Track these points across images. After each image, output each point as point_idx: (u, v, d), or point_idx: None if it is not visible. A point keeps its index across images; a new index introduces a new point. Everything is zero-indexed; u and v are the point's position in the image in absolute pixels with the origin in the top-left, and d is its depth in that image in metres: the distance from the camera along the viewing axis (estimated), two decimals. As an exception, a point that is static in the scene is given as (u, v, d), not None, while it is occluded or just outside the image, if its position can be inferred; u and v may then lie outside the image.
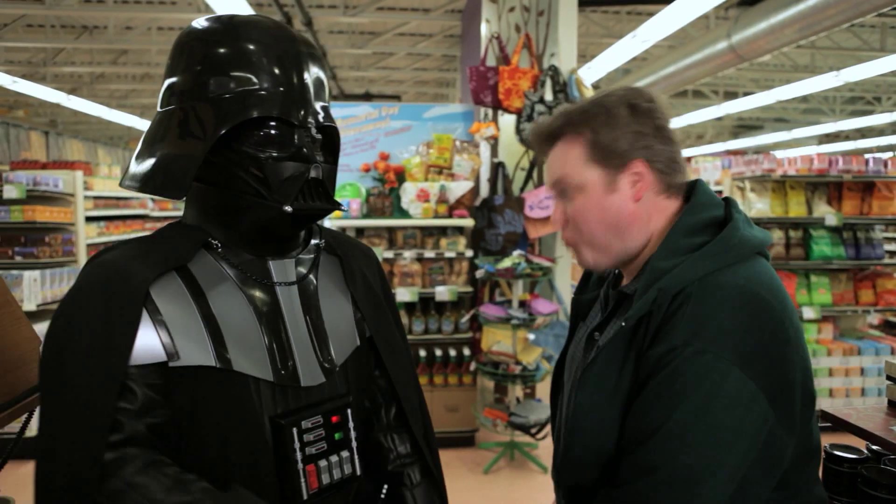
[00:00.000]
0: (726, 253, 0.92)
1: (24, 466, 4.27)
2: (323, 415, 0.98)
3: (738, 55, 5.91)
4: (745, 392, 0.85)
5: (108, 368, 0.84)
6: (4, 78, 8.68)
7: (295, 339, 0.98)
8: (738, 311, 0.88)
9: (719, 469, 0.84)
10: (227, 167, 0.93)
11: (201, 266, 0.96)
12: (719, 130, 17.41)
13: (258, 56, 0.92)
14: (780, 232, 4.63)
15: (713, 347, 0.85)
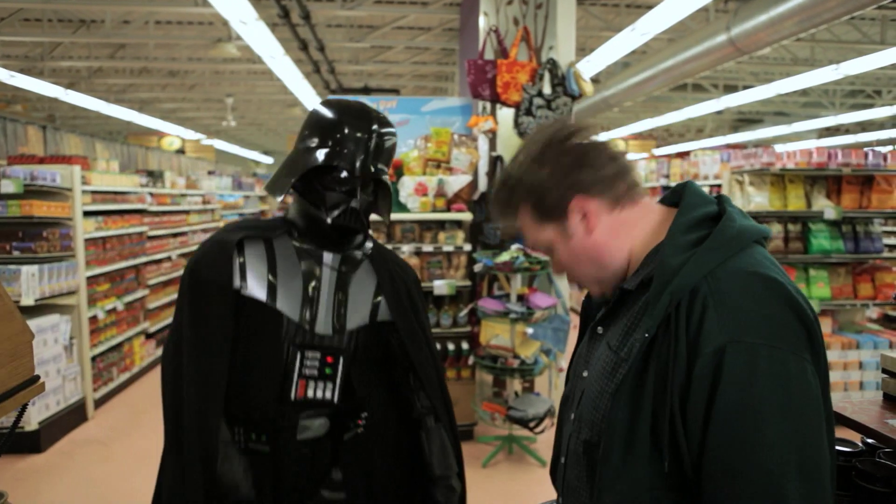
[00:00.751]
0: (727, 244, 0.93)
1: (18, 461, 4.24)
2: (322, 352, 1.44)
3: (738, 48, 5.89)
4: (808, 373, 0.87)
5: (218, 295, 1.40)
6: (2, 72, 8.65)
7: (322, 304, 1.47)
8: (765, 297, 0.88)
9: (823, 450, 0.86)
10: (310, 189, 1.44)
11: (281, 243, 1.49)
12: (719, 124, 17.39)
13: (342, 126, 1.42)
14: (779, 225, 4.63)
15: (762, 338, 0.85)
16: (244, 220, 1.58)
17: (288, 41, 7.72)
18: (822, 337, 0.92)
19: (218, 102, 14.19)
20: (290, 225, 1.51)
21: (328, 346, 1.45)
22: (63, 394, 4.38)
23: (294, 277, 1.46)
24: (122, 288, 5.38)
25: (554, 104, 4.39)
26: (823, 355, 0.92)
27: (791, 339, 0.87)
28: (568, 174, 1.02)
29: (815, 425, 0.85)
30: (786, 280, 0.92)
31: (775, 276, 0.90)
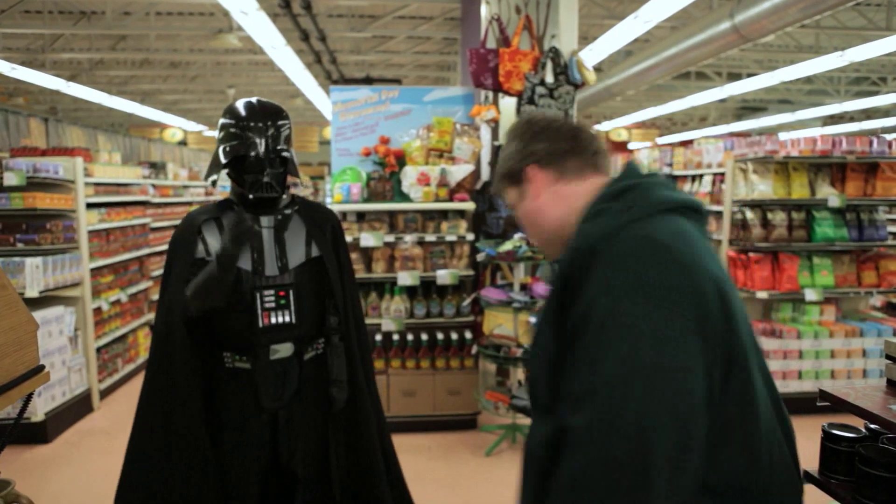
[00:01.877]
0: (630, 210, 1.00)
1: (25, 451, 4.26)
2: (275, 289, 1.93)
3: (742, 35, 5.85)
4: (672, 328, 0.86)
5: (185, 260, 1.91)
6: (3, 65, 8.64)
7: (267, 253, 1.95)
8: (645, 258, 0.92)
9: (669, 413, 0.83)
10: (237, 175, 1.93)
11: (227, 218, 1.96)
12: (722, 112, 17.30)
13: (246, 124, 1.89)
14: (783, 213, 4.61)
15: (627, 295, 0.89)
16: (203, 206, 2.05)
17: (289, 31, 7.69)
18: (722, 301, 0.93)
19: (220, 94, 14.16)
20: (233, 203, 2.00)
21: (279, 284, 1.93)
22: (69, 385, 4.40)
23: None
24: (125, 279, 5.40)
25: (556, 93, 4.37)
26: (723, 319, 0.92)
27: (663, 296, 0.88)
28: (527, 145, 1.18)
29: (663, 387, 0.84)
30: (684, 247, 0.95)
31: (666, 241, 0.94)
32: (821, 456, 1.40)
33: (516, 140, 1.21)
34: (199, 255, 1.93)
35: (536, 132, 1.18)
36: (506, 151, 1.24)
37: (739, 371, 0.94)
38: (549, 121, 1.20)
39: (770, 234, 4.57)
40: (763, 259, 4.58)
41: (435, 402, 4.15)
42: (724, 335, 0.92)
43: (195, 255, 1.92)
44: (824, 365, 4.41)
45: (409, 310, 4.13)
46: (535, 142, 1.17)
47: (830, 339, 4.42)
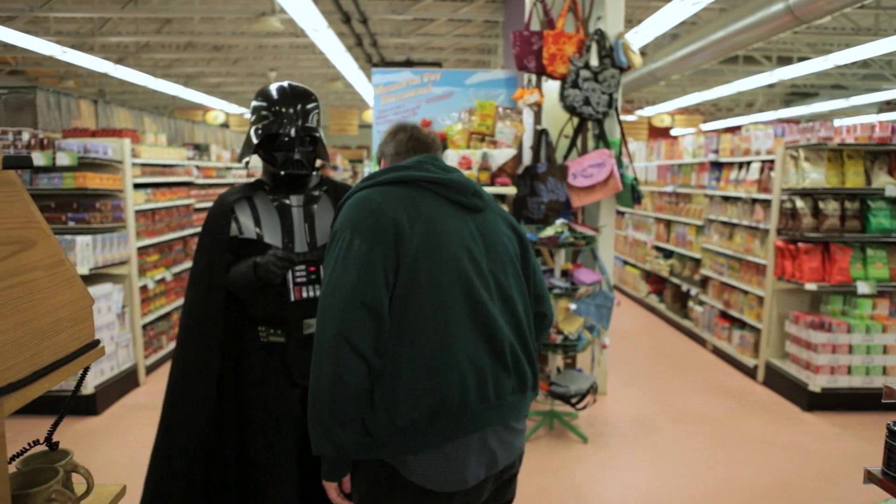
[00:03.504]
0: (365, 181, 1.63)
1: (77, 422, 4.41)
2: (305, 265, 2.00)
3: (796, 17, 5.63)
4: (357, 246, 1.48)
5: (220, 240, 2.02)
6: (55, 48, 8.87)
7: (296, 231, 2.05)
8: (356, 207, 1.55)
9: (349, 280, 1.46)
10: (268, 155, 2.05)
11: (259, 197, 2.07)
12: (770, 98, 16.75)
13: (277, 106, 2.01)
14: (836, 203, 4.45)
15: (345, 228, 1.52)
16: (234, 187, 2.16)
17: (331, 14, 7.70)
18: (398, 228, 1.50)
19: (261, 77, 14.30)
20: (264, 183, 2.11)
21: (309, 260, 2.01)
22: (117, 360, 4.53)
23: (272, 218, 2.05)
24: (170, 259, 5.51)
25: (601, 76, 4.28)
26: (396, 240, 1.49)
27: (358, 229, 1.50)
28: (382, 146, 1.80)
29: (348, 269, 1.46)
30: (384, 201, 1.54)
31: (372, 197, 1.55)
32: (885, 455, 1.35)
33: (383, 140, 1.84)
34: (233, 233, 2.03)
35: (387, 137, 1.81)
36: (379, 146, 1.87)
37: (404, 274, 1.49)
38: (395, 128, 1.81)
39: (821, 224, 4.42)
40: (813, 250, 4.43)
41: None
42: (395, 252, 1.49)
43: (229, 234, 2.02)
44: (876, 361, 4.26)
45: (447, 294, 4.12)
46: (384, 144, 1.81)
47: (884, 333, 4.26)
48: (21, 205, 0.99)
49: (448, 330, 1.46)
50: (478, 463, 1.51)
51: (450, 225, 1.54)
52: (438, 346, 1.46)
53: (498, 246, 1.61)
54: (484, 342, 1.51)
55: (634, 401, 4.59)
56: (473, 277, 1.52)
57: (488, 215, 1.65)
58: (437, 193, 1.58)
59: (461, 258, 1.52)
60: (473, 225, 1.59)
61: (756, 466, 3.57)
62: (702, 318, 6.14)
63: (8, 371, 0.91)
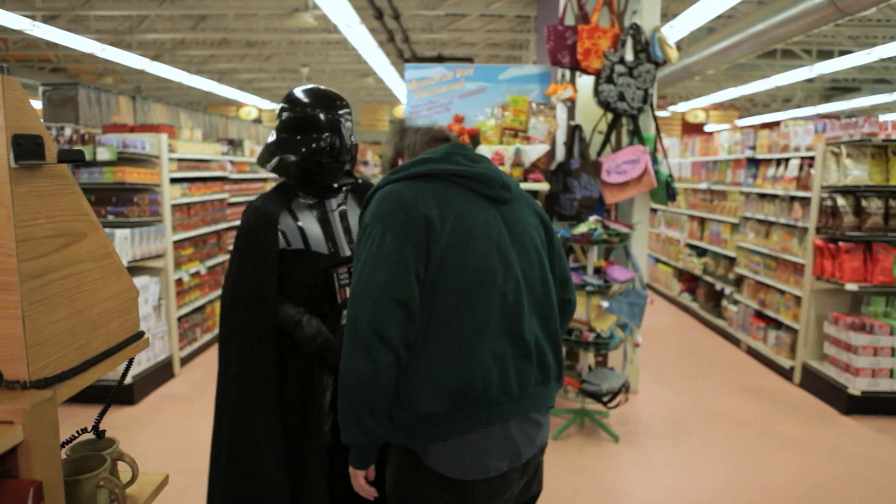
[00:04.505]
0: (393, 174, 1.62)
1: (115, 411, 4.51)
2: (347, 266, 2.02)
3: (839, 9, 5.47)
4: (389, 242, 1.49)
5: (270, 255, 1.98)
6: (95, 46, 9.07)
7: (338, 235, 2.07)
8: (385, 202, 1.55)
9: (381, 276, 1.47)
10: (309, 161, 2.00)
11: (297, 205, 2.06)
12: (809, 93, 16.34)
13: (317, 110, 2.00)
14: (879, 201, 4.32)
15: (376, 223, 1.53)
16: (265, 194, 2.10)
17: (363, 9, 7.73)
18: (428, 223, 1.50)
19: (293, 72, 14.43)
20: (295, 189, 2.07)
21: (352, 261, 1.91)
22: (153, 351, 4.63)
23: (314, 226, 2.05)
24: (204, 252, 5.61)
25: (636, 71, 4.22)
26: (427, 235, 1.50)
27: (389, 226, 1.50)
28: (397, 142, 1.85)
29: (380, 263, 1.48)
30: (415, 196, 1.53)
31: (402, 192, 1.55)
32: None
33: (395, 137, 1.89)
34: (281, 246, 2.00)
35: (400, 134, 1.87)
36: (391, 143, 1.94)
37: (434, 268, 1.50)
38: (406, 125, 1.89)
39: (863, 223, 4.30)
40: (854, 249, 4.31)
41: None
42: (427, 248, 1.50)
43: (278, 248, 1.99)
44: (919, 363, 4.14)
45: (478, 290, 4.11)
46: (399, 140, 1.86)
47: (927, 336, 4.13)
48: (72, 198, 1.01)
49: (474, 323, 1.49)
50: (500, 454, 1.53)
51: (478, 218, 1.55)
52: (464, 339, 1.49)
53: (525, 237, 1.62)
54: (509, 335, 1.53)
55: (667, 400, 4.53)
56: (500, 271, 1.54)
57: (515, 206, 1.65)
58: (465, 186, 1.58)
59: (490, 252, 1.53)
60: (500, 217, 1.60)
61: (793, 470, 3.49)
62: (736, 317, 6.03)
63: (61, 360, 0.93)
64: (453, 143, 1.70)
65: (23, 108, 0.91)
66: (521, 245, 1.60)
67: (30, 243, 0.89)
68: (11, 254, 0.86)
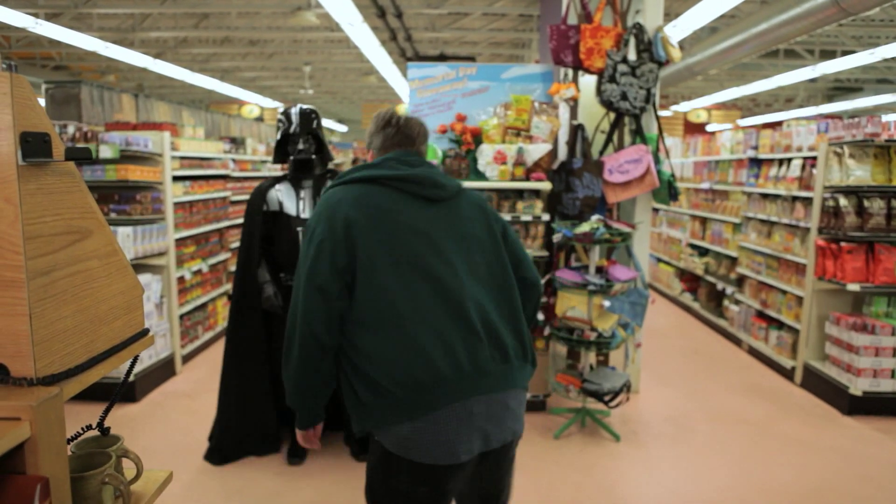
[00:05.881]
0: (338, 179, 1.84)
1: (117, 408, 4.51)
2: None
3: (842, 9, 5.47)
4: (317, 237, 1.70)
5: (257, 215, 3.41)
6: (98, 43, 9.08)
7: (306, 204, 3.35)
8: (322, 203, 1.78)
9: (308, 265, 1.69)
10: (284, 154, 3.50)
11: (283, 184, 3.42)
12: (812, 93, 16.32)
13: (290, 118, 3.37)
14: (881, 201, 4.32)
15: (313, 221, 1.76)
16: (266, 179, 3.42)
17: (366, 8, 7.73)
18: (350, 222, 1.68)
19: (295, 71, 14.43)
20: (287, 174, 3.42)
21: None
22: (155, 349, 4.63)
23: (291, 197, 3.35)
24: (206, 250, 5.61)
25: (639, 71, 4.22)
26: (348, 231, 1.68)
27: (319, 221, 1.73)
28: (372, 136, 1.94)
29: (308, 258, 1.69)
30: (338, 195, 1.76)
31: (338, 195, 1.76)
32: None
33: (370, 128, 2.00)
34: (265, 209, 3.37)
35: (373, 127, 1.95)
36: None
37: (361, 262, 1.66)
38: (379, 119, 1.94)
39: (866, 223, 4.30)
40: (856, 249, 4.31)
41: (504, 382, 4.13)
42: (346, 243, 1.67)
43: (262, 209, 3.38)
44: (921, 364, 4.14)
45: (480, 289, 4.11)
46: (370, 136, 1.95)
47: (929, 336, 4.13)
48: (79, 195, 1.01)
49: (407, 308, 1.61)
50: (467, 437, 1.59)
51: (406, 214, 1.71)
52: (400, 324, 1.60)
53: (465, 229, 1.76)
54: (450, 316, 1.63)
55: (668, 400, 4.53)
56: (432, 258, 1.67)
57: (453, 203, 1.80)
58: (397, 188, 1.75)
59: (418, 242, 1.68)
60: (435, 212, 1.75)
61: (794, 470, 3.50)
62: (737, 317, 6.03)
63: (67, 357, 0.94)
64: (401, 151, 1.87)
65: (31, 105, 0.91)
66: (460, 235, 1.75)
67: (37, 240, 0.90)
68: (19, 251, 0.86)
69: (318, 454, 3.54)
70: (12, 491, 0.83)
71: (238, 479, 3.29)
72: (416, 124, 1.93)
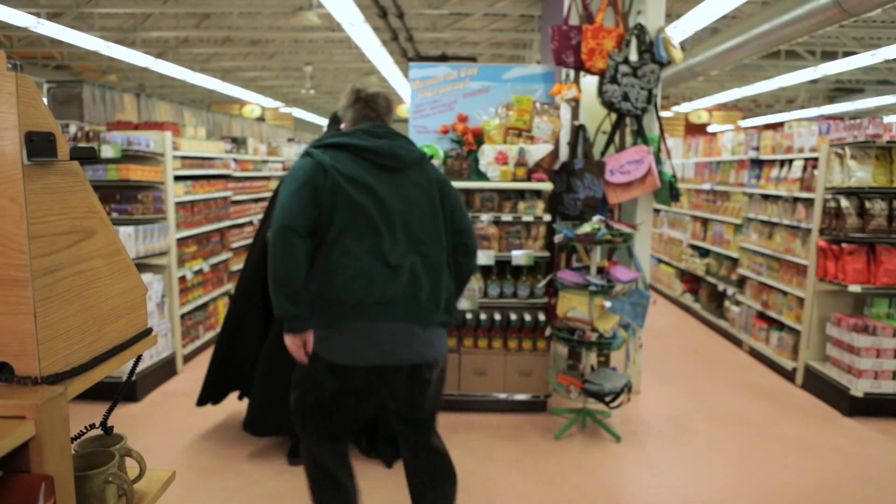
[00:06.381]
0: (314, 143, 2.25)
1: (118, 408, 4.50)
2: None
3: (844, 10, 5.47)
4: (295, 181, 2.14)
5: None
6: (99, 43, 9.09)
7: None
8: (301, 159, 2.20)
9: (287, 198, 2.12)
10: None
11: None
12: (813, 94, 16.32)
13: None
14: (883, 203, 4.32)
15: (293, 169, 2.19)
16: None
17: (367, 8, 7.73)
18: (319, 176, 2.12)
19: (296, 71, 14.44)
20: None
21: None
22: (156, 348, 4.64)
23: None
24: (207, 250, 5.61)
25: (640, 71, 4.22)
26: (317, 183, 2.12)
27: (296, 170, 2.16)
28: (344, 109, 2.35)
29: (288, 194, 2.12)
30: (317, 158, 2.15)
31: (312, 153, 2.18)
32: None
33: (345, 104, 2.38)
34: None
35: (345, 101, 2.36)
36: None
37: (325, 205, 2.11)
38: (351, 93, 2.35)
39: (867, 224, 4.30)
40: (857, 251, 4.31)
41: (505, 382, 4.14)
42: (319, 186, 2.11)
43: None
44: (922, 365, 4.14)
45: (482, 289, 4.12)
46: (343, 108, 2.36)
47: (931, 337, 4.13)
48: (84, 195, 1.01)
49: (352, 244, 2.10)
50: (368, 349, 2.09)
51: (361, 177, 2.14)
52: (343, 255, 2.10)
53: (410, 194, 2.18)
54: (379, 260, 2.10)
55: (669, 400, 4.53)
56: (375, 212, 2.11)
57: (406, 172, 2.21)
58: (359, 155, 2.17)
59: (366, 198, 2.12)
60: (389, 178, 2.17)
61: (795, 471, 3.50)
62: (738, 318, 6.03)
63: (72, 356, 0.94)
64: (370, 123, 2.26)
65: (36, 105, 0.91)
66: (405, 199, 2.17)
67: (42, 240, 0.90)
68: (24, 250, 0.86)
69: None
70: (17, 489, 0.83)
71: (239, 479, 3.29)
72: (382, 99, 2.32)
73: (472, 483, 3.28)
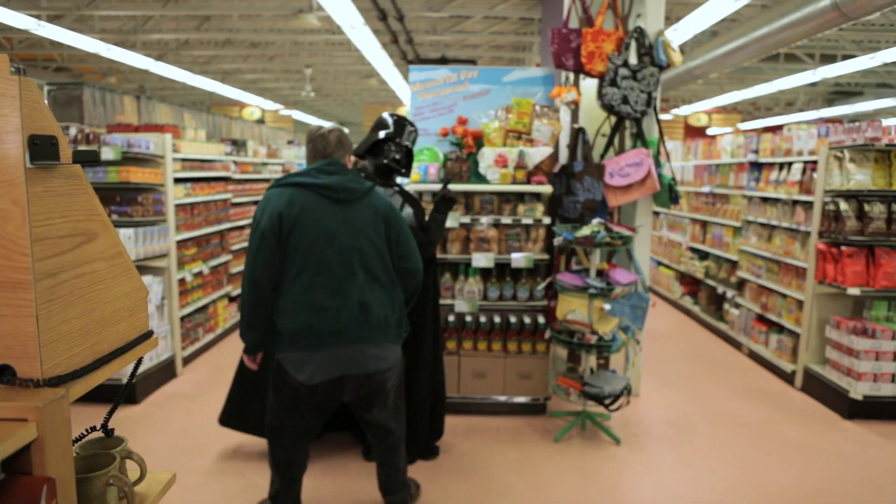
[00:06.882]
0: (277, 181, 2.53)
1: (118, 410, 4.51)
2: None
3: (843, 13, 5.48)
4: (260, 223, 2.46)
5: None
6: (99, 45, 9.10)
7: None
8: (264, 199, 2.51)
9: (253, 244, 2.47)
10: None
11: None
12: (812, 97, 16.34)
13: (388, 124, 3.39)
14: (882, 206, 4.33)
15: (259, 210, 2.49)
16: None
17: (367, 11, 7.74)
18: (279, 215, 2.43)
19: (296, 73, 14.45)
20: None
21: None
22: (155, 350, 4.64)
23: None
24: (207, 252, 5.62)
25: (640, 74, 4.23)
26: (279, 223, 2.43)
27: (261, 212, 2.47)
28: (306, 147, 2.64)
29: (253, 240, 2.47)
30: (274, 197, 2.47)
31: (271, 193, 2.50)
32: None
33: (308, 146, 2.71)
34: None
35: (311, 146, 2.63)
36: None
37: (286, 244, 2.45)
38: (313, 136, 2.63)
39: (866, 227, 4.31)
40: (857, 253, 4.32)
41: (505, 384, 4.14)
42: (280, 230, 2.43)
43: None
44: (921, 368, 4.14)
45: (482, 291, 4.12)
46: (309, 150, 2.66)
47: (930, 340, 4.13)
48: (86, 198, 1.02)
49: (308, 278, 2.43)
50: (326, 370, 2.46)
51: (316, 213, 2.44)
52: (302, 289, 2.44)
53: (357, 227, 2.48)
54: (331, 291, 2.43)
55: (668, 403, 4.53)
56: (326, 248, 2.43)
57: (355, 205, 2.51)
58: (314, 191, 2.47)
59: (319, 233, 2.43)
60: (340, 212, 2.48)
61: (794, 473, 3.50)
62: (738, 321, 6.03)
63: (73, 358, 0.94)
64: (324, 161, 2.56)
65: (38, 108, 0.92)
66: (356, 230, 2.48)
67: (45, 242, 0.90)
68: (26, 252, 0.87)
69: (318, 456, 3.54)
70: (19, 491, 0.83)
71: (239, 481, 3.29)
72: (334, 138, 2.59)
73: (472, 485, 3.28)
